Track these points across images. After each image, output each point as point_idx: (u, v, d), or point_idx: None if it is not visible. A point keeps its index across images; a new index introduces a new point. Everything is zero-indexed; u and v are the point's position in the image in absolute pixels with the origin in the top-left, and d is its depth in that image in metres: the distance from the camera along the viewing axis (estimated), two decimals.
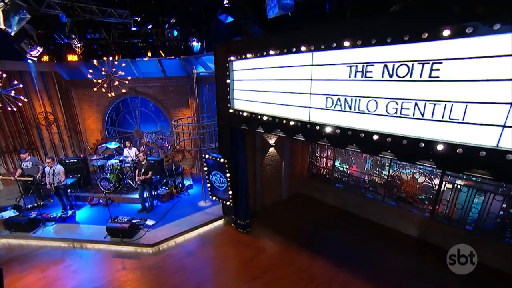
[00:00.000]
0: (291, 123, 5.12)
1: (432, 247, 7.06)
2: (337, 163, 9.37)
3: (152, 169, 8.62)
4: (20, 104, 9.24)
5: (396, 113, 3.63)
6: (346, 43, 3.94)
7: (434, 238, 7.06)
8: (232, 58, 6.28)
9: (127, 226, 7.38)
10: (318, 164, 9.98)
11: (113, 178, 9.62)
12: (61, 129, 12.11)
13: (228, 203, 7.81)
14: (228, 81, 6.61)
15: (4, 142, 11.00)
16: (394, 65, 3.48)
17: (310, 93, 4.66)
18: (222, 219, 8.57)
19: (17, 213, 8.19)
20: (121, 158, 9.95)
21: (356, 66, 3.92)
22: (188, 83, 10.80)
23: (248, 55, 5.76)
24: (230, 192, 7.60)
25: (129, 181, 9.91)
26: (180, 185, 10.06)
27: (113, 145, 11.01)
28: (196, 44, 10.56)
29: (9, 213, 8.15)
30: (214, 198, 8.22)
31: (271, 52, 5.17)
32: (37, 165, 8.64)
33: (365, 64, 3.81)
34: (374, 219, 8.39)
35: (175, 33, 9.81)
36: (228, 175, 7.38)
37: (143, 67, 10.50)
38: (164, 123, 12.17)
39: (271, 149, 8.92)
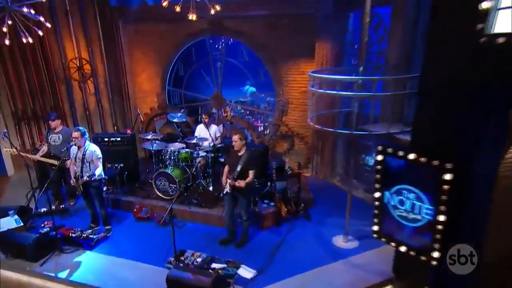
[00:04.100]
0: None
1: None
2: None
3: (255, 166, 6.52)
4: (41, 33, 7.99)
5: None
6: None
7: None
8: None
9: (209, 281, 5.22)
10: None
11: (177, 175, 7.96)
12: (100, 88, 11.12)
13: (422, 256, 5.11)
14: None
15: (20, 103, 10.40)
16: None
17: None
18: (391, 285, 6.09)
19: (21, 224, 6.98)
20: (194, 141, 8.31)
21: None
22: (317, 10, 8.63)
23: None
24: (439, 236, 4.83)
25: (203, 182, 8.28)
26: (295, 200, 7.88)
27: (178, 118, 9.43)
28: None
29: (8, 222, 6.90)
30: (384, 240, 5.62)
31: None
32: (68, 142, 7.77)
33: None
34: None
35: None
36: (444, 197, 4.57)
37: None
38: (265, 87, 10.53)
39: None
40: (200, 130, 8.72)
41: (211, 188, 8.14)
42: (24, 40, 7.46)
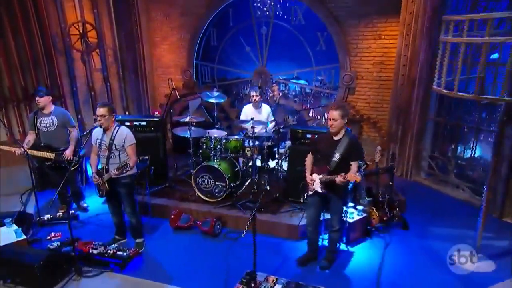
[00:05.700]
0: None
1: None
2: None
3: (361, 156, 5.80)
4: None
5: None
6: None
7: None
8: None
9: None
10: None
11: (225, 170, 7.29)
12: (109, 61, 10.74)
13: None
14: None
15: (8, 79, 9.66)
16: None
17: None
18: None
19: (23, 237, 6.24)
20: (250, 125, 7.52)
21: None
22: None
23: None
24: None
25: (257, 179, 7.65)
26: (388, 204, 7.02)
27: (214, 98, 8.70)
28: None
29: (7, 234, 6.14)
30: None
31: None
32: (65, 126, 7.14)
33: None
34: None
35: None
36: None
37: None
38: (324, 58, 9.95)
39: None
40: (248, 112, 8.09)
41: (268, 187, 7.44)
42: None
